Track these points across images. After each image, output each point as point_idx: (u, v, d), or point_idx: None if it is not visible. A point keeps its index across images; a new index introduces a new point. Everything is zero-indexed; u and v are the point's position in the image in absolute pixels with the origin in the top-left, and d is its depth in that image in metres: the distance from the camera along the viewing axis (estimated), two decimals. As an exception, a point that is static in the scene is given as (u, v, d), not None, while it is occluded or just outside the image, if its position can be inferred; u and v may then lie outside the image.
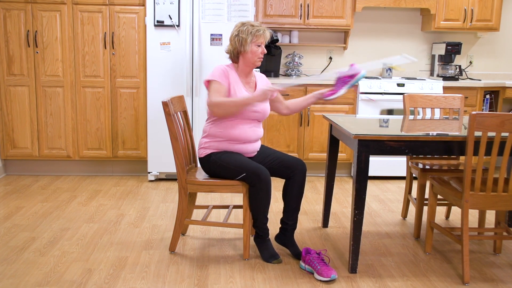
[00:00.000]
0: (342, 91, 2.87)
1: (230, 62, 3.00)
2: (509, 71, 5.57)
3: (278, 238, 3.05)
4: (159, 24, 4.38)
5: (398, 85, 4.81)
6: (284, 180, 3.14)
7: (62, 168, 4.82)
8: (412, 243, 3.25)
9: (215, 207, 3.30)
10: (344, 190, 4.50)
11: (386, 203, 4.12)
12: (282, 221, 2.99)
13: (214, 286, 2.59)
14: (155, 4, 4.36)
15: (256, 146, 3.01)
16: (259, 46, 2.90)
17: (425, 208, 3.99)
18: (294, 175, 2.92)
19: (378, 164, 4.83)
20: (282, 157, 2.99)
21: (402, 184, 4.72)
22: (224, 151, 2.91)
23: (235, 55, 2.94)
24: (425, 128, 3.04)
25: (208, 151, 2.93)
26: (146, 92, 4.59)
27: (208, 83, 2.88)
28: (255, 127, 2.96)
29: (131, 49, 4.57)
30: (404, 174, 4.84)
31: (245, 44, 2.87)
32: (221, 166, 2.86)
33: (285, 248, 3.06)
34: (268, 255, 2.89)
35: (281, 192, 3.03)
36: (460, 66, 5.21)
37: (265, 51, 2.94)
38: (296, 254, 2.93)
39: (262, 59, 2.94)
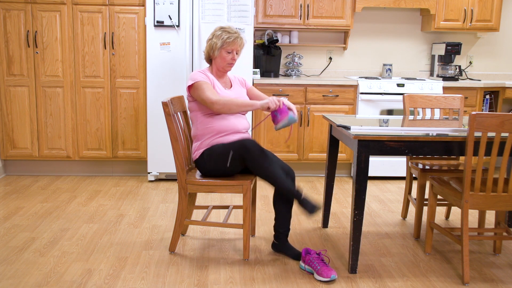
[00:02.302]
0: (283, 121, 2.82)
1: (208, 65, 3.10)
2: (509, 71, 5.57)
3: (273, 246, 3.03)
4: (159, 24, 4.38)
5: (398, 85, 4.81)
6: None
7: (62, 168, 4.82)
8: (412, 243, 3.25)
9: (215, 207, 3.30)
10: (344, 190, 4.50)
11: (386, 204, 4.12)
12: (274, 228, 2.98)
13: (214, 287, 2.59)
14: (155, 4, 4.36)
15: (246, 136, 3.03)
16: (229, 52, 2.96)
17: (425, 208, 3.99)
18: None
19: (378, 164, 4.84)
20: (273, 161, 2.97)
21: (402, 184, 4.72)
22: (213, 145, 2.94)
23: (207, 58, 3.05)
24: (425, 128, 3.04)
25: (201, 151, 2.94)
26: (146, 92, 4.59)
27: (191, 87, 2.92)
28: (240, 118, 3.02)
29: (131, 49, 4.57)
30: (404, 174, 4.84)
31: (215, 49, 2.96)
32: (213, 158, 2.88)
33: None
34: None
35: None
36: (460, 67, 5.21)
37: (236, 58, 3.00)
38: (294, 255, 2.92)
39: (232, 66, 3.02)
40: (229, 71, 3.08)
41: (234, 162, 2.85)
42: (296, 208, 3.91)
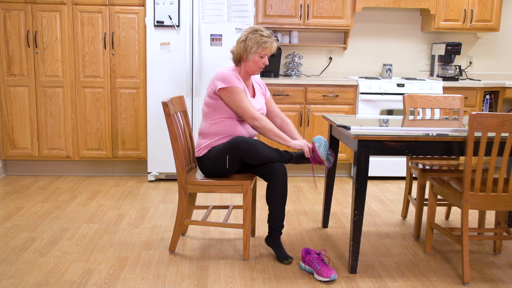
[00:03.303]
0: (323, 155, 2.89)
1: (232, 64, 3.04)
2: (509, 71, 5.57)
3: (266, 239, 3.00)
4: (159, 24, 4.38)
5: (398, 85, 4.81)
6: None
7: (62, 168, 4.81)
8: (412, 243, 3.25)
9: (215, 207, 3.30)
10: (344, 190, 4.50)
11: (386, 204, 4.12)
12: (268, 223, 2.95)
13: (214, 287, 2.59)
14: (155, 4, 4.36)
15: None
16: (262, 57, 2.92)
17: (425, 209, 3.99)
18: (273, 179, 2.85)
19: (378, 164, 4.83)
20: None
21: (402, 184, 4.72)
22: (213, 146, 2.93)
23: (237, 59, 2.98)
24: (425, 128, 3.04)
25: (206, 150, 2.94)
26: (146, 92, 4.59)
27: (224, 89, 2.86)
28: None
29: (131, 49, 4.57)
30: (404, 174, 4.84)
31: (249, 52, 2.90)
32: (212, 162, 2.88)
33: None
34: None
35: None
36: (460, 67, 5.21)
37: (267, 63, 2.97)
38: (279, 256, 2.89)
39: (261, 69, 2.99)
40: (257, 74, 3.04)
41: (232, 163, 2.86)
42: (295, 208, 3.92)
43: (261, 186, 4.44)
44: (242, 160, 2.85)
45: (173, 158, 2.95)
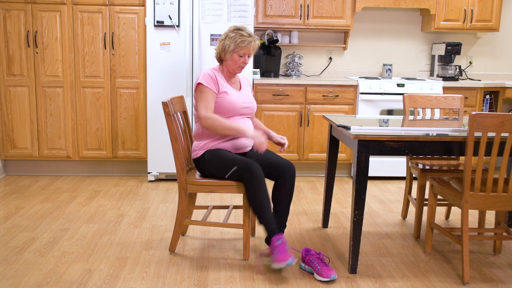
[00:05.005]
0: None
1: (217, 63, 3.07)
2: (509, 71, 5.57)
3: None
4: (159, 24, 4.38)
5: (398, 85, 4.81)
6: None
7: (62, 168, 4.81)
8: (412, 243, 3.25)
9: (215, 207, 3.30)
10: (344, 190, 4.50)
11: (386, 204, 4.12)
12: None
13: (214, 287, 2.59)
14: (155, 4, 4.36)
15: (248, 140, 3.01)
16: (241, 56, 2.93)
17: (425, 209, 3.99)
18: (281, 178, 2.88)
19: (378, 164, 4.83)
20: (273, 157, 2.97)
21: (402, 185, 4.72)
22: (217, 149, 2.93)
23: (219, 58, 3.02)
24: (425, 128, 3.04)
25: (202, 152, 2.94)
26: (146, 92, 4.59)
27: (197, 86, 2.91)
28: (246, 121, 3.01)
29: (131, 49, 4.57)
30: (404, 174, 4.84)
31: (227, 52, 2.92)
32: (215, 163, 2.87)
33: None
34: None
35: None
36: (460, 67, 5.21)
37: (247, 62, 2.97)
38: None
39: (242, 68, 3.00)
40: (239, 73, 3.06)
41: (233, 176, 2.84)
42: (295, 208, 3.92)
43: (261, 186, 4.44)
44: (242, 181, 2.82)
45: (173, 158, 2.95)
